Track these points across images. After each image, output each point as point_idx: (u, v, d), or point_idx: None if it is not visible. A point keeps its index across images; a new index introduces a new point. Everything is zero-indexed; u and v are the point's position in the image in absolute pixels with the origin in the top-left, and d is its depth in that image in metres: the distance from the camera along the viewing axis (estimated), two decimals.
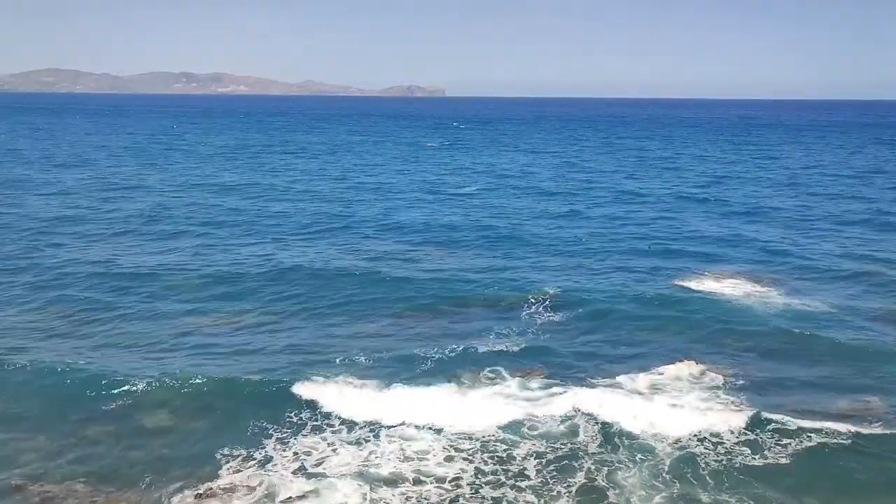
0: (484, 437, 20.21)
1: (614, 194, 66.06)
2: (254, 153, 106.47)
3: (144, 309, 31.11)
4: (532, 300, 31.93)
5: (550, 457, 19.21)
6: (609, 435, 20.29)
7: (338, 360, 25.28)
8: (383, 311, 30.84)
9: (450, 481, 18.08)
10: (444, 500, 17.42)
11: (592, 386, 23.49)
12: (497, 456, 19.24)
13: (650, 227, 50.07)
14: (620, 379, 24.17)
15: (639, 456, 19.27)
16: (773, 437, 20.26)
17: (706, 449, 19.65)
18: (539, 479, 18.17)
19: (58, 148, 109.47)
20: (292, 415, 21.42)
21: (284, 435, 20.34)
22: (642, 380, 24.14)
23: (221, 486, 17.93)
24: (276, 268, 37.40)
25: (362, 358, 25.44)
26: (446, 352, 26.01)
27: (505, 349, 26.35)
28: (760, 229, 49.35)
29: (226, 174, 79.20)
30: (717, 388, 23.51)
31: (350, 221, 51.29)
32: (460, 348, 26.35)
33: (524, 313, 30.53)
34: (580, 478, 18.26)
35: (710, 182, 75.37)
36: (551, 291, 33.07)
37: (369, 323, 29.64)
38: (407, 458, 19.11)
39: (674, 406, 22.08)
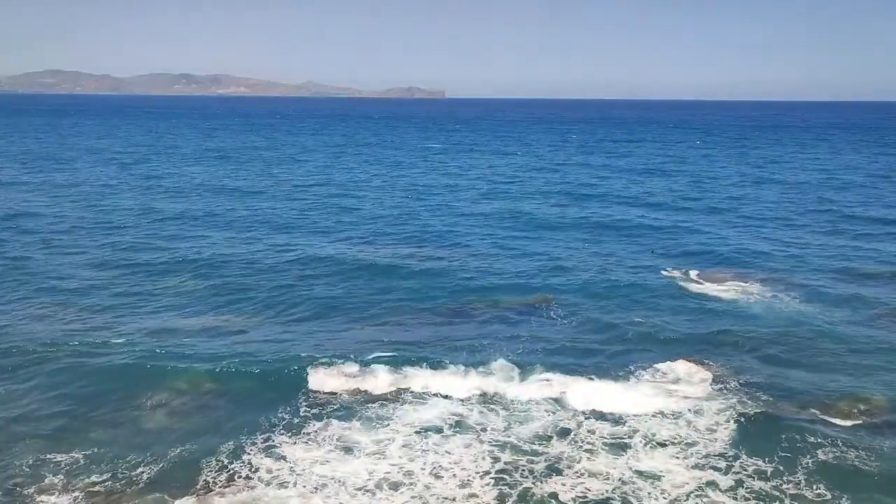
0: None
1: (615, 197, 65.98)
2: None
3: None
4: (533, 302, 31.90)
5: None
6: (599, 429, 20.68)
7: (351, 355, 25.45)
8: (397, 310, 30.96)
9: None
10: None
11: (590, 385, 23.47)
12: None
13: (652, 229, 50.04)
14: (620, 378, 24.18)
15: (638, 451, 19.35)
16: (773, 436, 20.20)
17: (705, 448, 19.65)
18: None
19: None
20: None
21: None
22: (642, 378, 24.15)
23: (223, 482, 17.92)
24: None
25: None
26: (454, 348, 26.45)
27: (505, 348, 26.33)
28: (763, 232, 49.32)
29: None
30: (718, 387, 23.46)
31: (355, 223, 51.24)
32: (465, 346, 26.56)
33: (525, 315, 30.47)
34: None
35: (710, 184, 75.32)
36: (551, 293, 33.04)
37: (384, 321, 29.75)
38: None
39: (673, 405, 22.07)
